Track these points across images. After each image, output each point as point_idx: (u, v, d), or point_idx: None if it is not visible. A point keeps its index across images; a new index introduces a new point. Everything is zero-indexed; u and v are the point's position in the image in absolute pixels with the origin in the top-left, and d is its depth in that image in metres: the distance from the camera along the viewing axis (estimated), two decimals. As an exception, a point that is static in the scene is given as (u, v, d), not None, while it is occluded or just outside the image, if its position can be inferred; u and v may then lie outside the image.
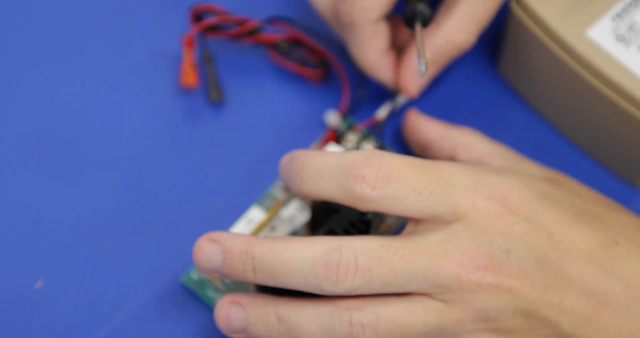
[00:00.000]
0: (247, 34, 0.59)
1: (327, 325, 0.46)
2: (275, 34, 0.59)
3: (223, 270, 0.48)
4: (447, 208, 0.46)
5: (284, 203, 0.56)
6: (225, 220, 0.57)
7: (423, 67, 0.49)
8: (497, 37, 0.60)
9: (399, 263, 0.45)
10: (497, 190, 0.47)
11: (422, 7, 0.52)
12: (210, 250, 0.48)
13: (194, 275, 0.55)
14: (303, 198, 0.51)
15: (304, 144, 0.59)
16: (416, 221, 0.47)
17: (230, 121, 0.60)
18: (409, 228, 0.47)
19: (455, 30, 0.54)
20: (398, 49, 0.57)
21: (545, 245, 0.46)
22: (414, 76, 0.55)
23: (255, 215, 0.56)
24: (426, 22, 0.52)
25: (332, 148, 0.54)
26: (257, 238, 0.47)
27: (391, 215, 0.47)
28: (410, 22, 0.52)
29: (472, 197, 0.46)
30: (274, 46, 0.59)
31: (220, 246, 0.47)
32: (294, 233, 0.56)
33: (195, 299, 0.55)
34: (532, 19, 0.54)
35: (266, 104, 0.60)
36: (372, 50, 0.54)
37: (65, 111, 0.60)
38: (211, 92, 0.59)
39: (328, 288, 0.46)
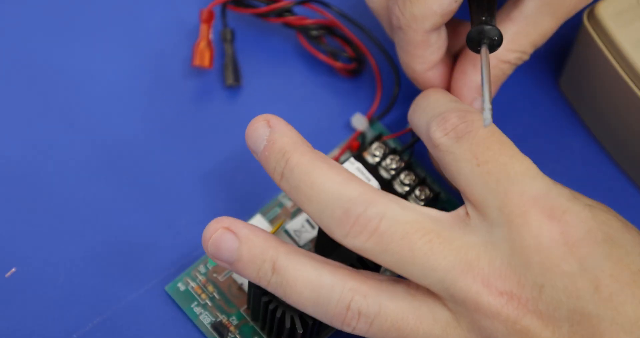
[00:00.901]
0: (274, 13, 0.52)
1: (323, 298, 0.42)
2: (308, 17, 0.52)
3: (260, 157, 0.44)
4: (494, 200, 0.42)
5: (291, 214, 0.50)
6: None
7: (488, 116, 0.40)
8: (564, 47, 0.53)
9: (422, 248, 0.41)
10: (561, 214, 0.41)
11: (491, 31, 0.44)
12: (262, 131, 0.44)
13: (181, 286, 0.49)
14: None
15: (325, 146, 0.52)
16: (466, 207, 0.43)
17: (244, 109, 0.53)
18: (460, 210, 0.43)
19: (508, 50, 0.47)
20: (454, 55, 0.50)
21: (587, 297, 0.41)
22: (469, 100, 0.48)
23: (257, 223, 0.50)
24: (493, 48, 0.44)
25: (351, 165, 0.47)
26: (304, 146, 0.43)
27: (445, 175, 0.44)
28: (474, 46, 0.45)
29: (527, 204, 0.41)
30: (303, 31, 0.52)
31: (269, 134, 0.44)
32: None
33: (177, 310, 0.49)
34: (603, 40, 0.47)
35: (287, 95, 0.53)
36: (420, 60, 0.48)
37: (67, 78, 0.53)
38: (227, 76, 0.52)
39: (337, 235, 0.42)
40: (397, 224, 0.42)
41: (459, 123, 0.43)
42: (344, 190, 0.42)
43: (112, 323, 0.49)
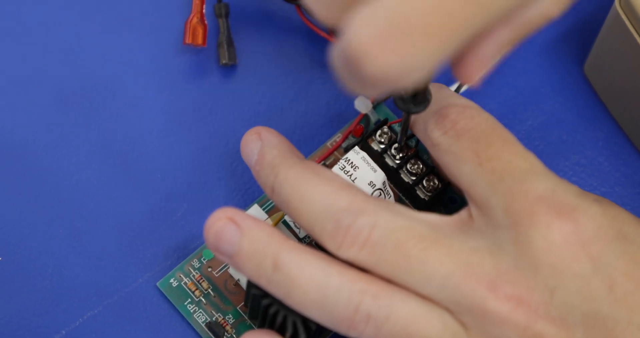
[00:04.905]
0: (272, -13, 0.48)
1: (330, 300, 0.40)
2: (307, -9, 0.48)
3: (253, 172, 0.43)
4: (499, 201, 0.39)
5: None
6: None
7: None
8: (590, 30, 0.50)
9: (417, 256, 0.39)
10: (570, 211, 0.39)
11: (418, 108, 0.40)
12: (253, 145, 0.43)
13: (173, 282, 0.46)
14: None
15: (325, 131, 0.49)
16: (470, 208, 0.40)
17: (240, 90, 0.49)
18: (463, 213, 0.41)
19: (553, 3, 0.40)
20: None
21: (601, 298, 0.39)
22: (481, 63, 0.42)
23: (255, 213, 0.47)
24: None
25: (355, 154, 0.44)
26: (292, 159, 0.42)
27: (446, 174, 0.42)
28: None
29: (534, 204, 0.39)
30: (302, 5, 0.48)
31: (259, 148, 0.43)
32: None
33: (170, 308, 0.47)
34: (636, 27, 0.43)
35: (286, 75, 0.50)
36: None
37: (58, 53, 0.50)
38: (221, 55, 0.49)
39: (330, 247, 0.40)
40: (389, 232, 0.39)
41: (457, 120, 0.41)
42: (332, 201, 0.40)
43: (103, 319, 0.47)
